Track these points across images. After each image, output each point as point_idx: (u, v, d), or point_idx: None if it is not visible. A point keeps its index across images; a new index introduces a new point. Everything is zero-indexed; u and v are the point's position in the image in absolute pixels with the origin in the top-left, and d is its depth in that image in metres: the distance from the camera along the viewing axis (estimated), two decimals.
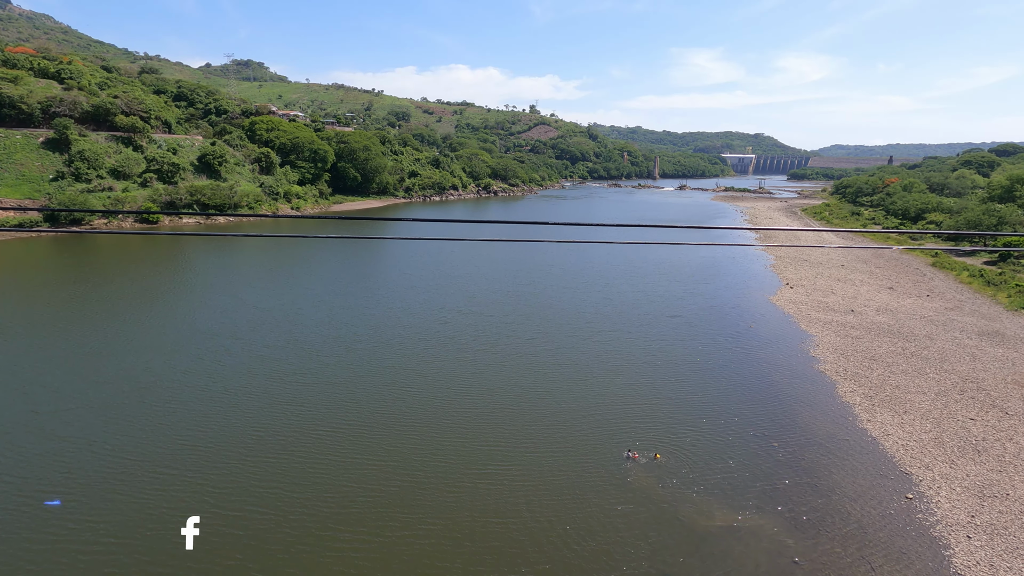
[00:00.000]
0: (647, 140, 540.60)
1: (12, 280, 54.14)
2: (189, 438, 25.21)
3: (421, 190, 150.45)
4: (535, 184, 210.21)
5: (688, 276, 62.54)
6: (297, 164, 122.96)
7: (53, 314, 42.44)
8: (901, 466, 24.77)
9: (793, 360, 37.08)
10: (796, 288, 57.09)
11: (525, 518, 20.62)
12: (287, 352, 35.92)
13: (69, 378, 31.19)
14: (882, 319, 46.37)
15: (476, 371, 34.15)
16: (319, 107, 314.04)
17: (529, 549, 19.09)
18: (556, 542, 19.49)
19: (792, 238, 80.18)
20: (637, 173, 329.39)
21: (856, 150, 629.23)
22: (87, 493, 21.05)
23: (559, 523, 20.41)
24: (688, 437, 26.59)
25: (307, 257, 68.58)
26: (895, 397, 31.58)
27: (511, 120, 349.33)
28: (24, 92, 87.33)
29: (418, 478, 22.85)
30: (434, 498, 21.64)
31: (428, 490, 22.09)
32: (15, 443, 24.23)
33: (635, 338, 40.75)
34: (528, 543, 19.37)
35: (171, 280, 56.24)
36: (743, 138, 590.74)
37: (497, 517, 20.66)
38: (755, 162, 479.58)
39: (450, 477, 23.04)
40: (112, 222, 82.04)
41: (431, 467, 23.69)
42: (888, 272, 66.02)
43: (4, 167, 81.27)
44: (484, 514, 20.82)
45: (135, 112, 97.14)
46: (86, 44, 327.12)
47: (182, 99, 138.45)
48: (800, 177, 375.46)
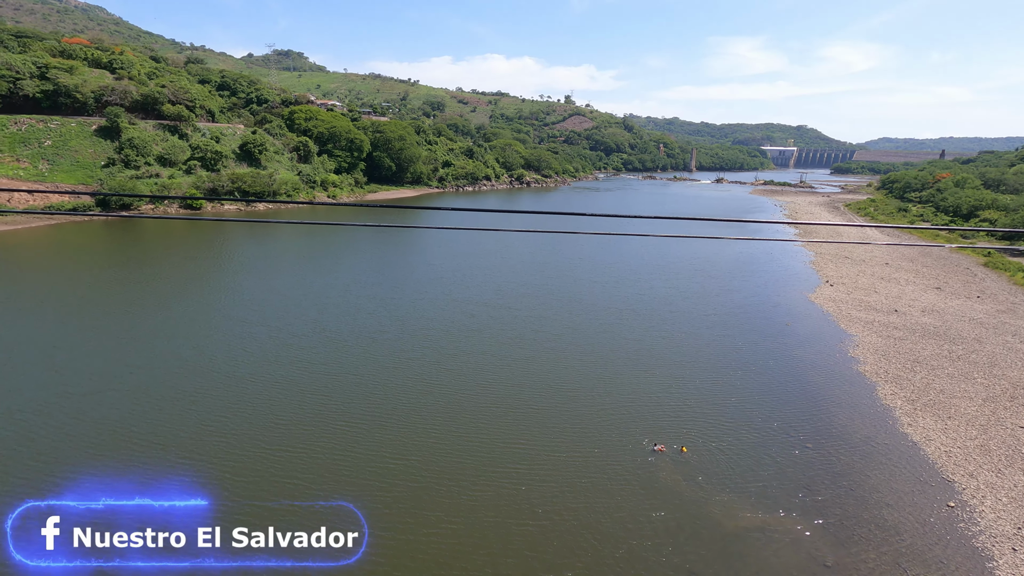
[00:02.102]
0: (684, 132, 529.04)
1: (60, 262, 56.94)
2: (213, 425, 25.35)
3: (454, 180, 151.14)
4: (568, 175, 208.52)
5: (724, 272, 61.19)
6: (334, 153, 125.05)
7: (93, 296, 44.43)
8: (943, 473, 23.86)
9: (831, 360, 36.00)
10: (836, 286, 55.29)
11: (551, 515, 20.31)
12: (312, 340, 36.17)
13: (103, 360, 32.04)
14: (928, 320, 44.54)
15: (501, 366, 33.65)
16: (356, 97, 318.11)
17: (556, 545, 19.04)
18: (582, 539, 19.36)
19: (834, 234, 77.54)
20: (673, 165, 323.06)
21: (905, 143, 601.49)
22: (112, 476, 21.16)
23: (585, 518, 20.30)
24: (719, 435, 26.16)
25: (340, 245, 69.89)
26: (939, 401, 30.37)
27: (545, 110, 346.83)
28: (79, 81, 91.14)
29: (439, 475, 22.37)
30: (456, 496, 21.07)
31: (449, 488, 21.55)
32: (48, 423, 24.82)
33: (667, 335, 40.05)
34: (555, 540, 19.32)
35: (209, 265, 58.21)
36: (784, 130, 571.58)
37: (519, 517, 20.23)
38: (796, 155, 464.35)
39: (473, 474, 22.56)
40: (158, 207, 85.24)
41: (454, 464, 23.19)
42: (936, 271, 63.27)
43: (60, 153, 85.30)
44: (509, 511, 20.47)
45: (181, 101, 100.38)
46: (136, 35, 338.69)
47: (225, 88, 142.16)
48: (844, 171, 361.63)
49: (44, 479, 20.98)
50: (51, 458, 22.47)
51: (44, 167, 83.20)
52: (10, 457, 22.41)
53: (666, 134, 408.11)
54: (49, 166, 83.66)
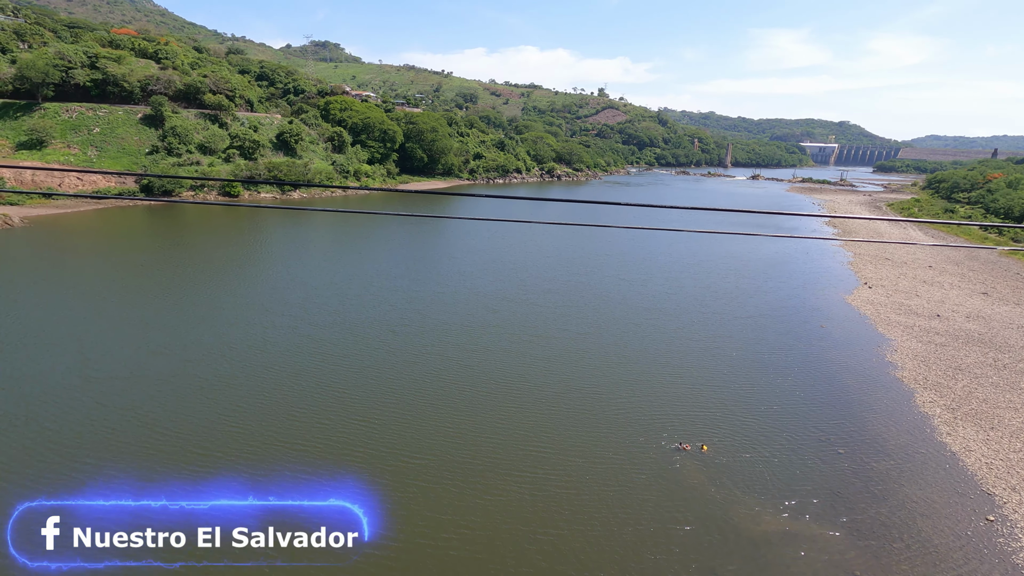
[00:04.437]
0: (720, 126, 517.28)
1: (101, 245, 59.22)
2: (229, 416, 25.16)
3: (485, 172, 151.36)
4: (599, 169, 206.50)
5: (758, 272, 59.73)
6: (367, 143, 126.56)
7: (126, 280, 45.78)
8: (983, 485, 22.94)
9: (867, 364, 34.89)
10: (876, 288, 53.48)
11: (571, 524, 19.74)
12: (333, 332, 35.89)
13: (127, 346, 32.14)
14: (972, 326, 42.72)
15: (522, 364, 32.62)
16: (390, 88, 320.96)
17: (579, 545, 18.91)
18: (604, 552, 18.94)
19: (874, 234, 74.91)
20: (708, 161, 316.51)
21: (955, 141, 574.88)
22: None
23: (607, 516, 20.09)
24: (747, 437, 25.67)
25: (369, 235, 70.82)
26: (981, 411, 29.16)
27: (578, 103, 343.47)
28: (126, 71, 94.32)
29: (451, 478, 21.53)
30: (468, 500, 20.34)
31: (462, 491, 20.79)
32: (67, 407, 25.24)
33: (698, 336, 39.15)
34: (578, 541, 19.15)
35: (241, 252, 59.76)
36: (825, 126, 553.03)
37: (535, 524, 19.71)
38: (837, 152, 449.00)
39: (488, 477, 21.71)
40: (198, 194, 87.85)
41: (467, 467, 22.33)
42: (983, 275, 60.58)
43: (108, 140, 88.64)
44: (525, 518, 19.88)
45: (221, 91, 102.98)
46: (180, 26, 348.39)
47: (264, 79, 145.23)
48: (888, 169, 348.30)
49: (43, 479, 20.42)
50: (52, 457, 21.77)
51: (93, 153, 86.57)
52: (10, 457, 21.74)
53: (701, 128, 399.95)
54: (97, 152, 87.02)
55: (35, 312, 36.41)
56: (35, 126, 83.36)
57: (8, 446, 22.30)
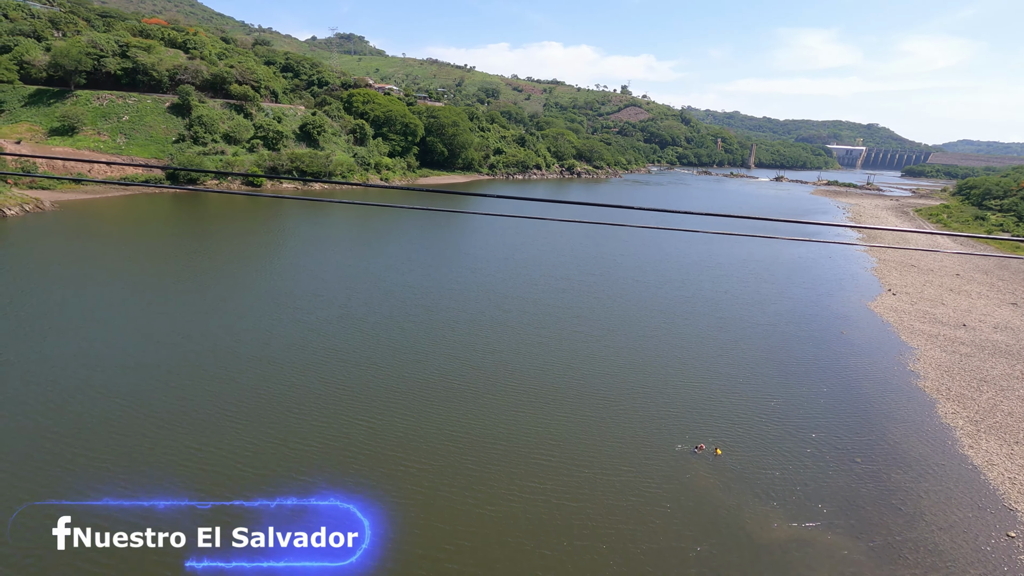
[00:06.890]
0: (745, 127, 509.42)
1: (126, 231, 60.51)
2: (230, 413, 24.77)
3: (505, 168, 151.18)
4: (620, 168, 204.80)
5: (779, 277, 58.76)
6: (389, 136, 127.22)
7: (145, 266, 46.39)
8: (1005, 500, 22.39)
9: (888, 373, 34.21)
10: (899, 295, 52.35)
11: (584, 536, 19.16)
12: (340, 326, 35.56)
13: (134, 335, 31.88)
14: (999, 337, 41.62)
15: (531, 366, 31.76)
16: (413, 81, 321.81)
17: (586, 563, 18.59)
18: (611, 554, 18.68)
19: (899, 239, 73.29)
20: (731, 161, 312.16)
21: (988, 147, 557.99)
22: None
23: (616, 532, 19.56)
24: (761, 442, 25.38)
25: (386, 229, 71.30)
26: (1006, 424, 28.43)
27: (601, 100, 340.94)
28: (155, 60, 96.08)
29: (455, 482, 21.02)
30: (472, 506, 19.83)
31: (465, 497, 20.28)
32: (72, 398, 25.07)
33: (715, 341, 38.55)
34: (584, 559, 18.84)
35: (260, 242, 60.57)
36: (853, 128, 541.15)
37: (542, 536, 19.55)
38: (865, 155, 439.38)
39: (494, 484, 21.09)
40: (222, 183, 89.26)
41: (472, 472, 21.78)
42: (1013, 286, 58.94)
43: (136, 128, 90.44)
44: (533, 529, 19.44)
45: (247, 81, 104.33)
46: (209, 16, 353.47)
47: (289, 70, 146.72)
48: (917, 174, 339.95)
49: (42, 478, 20.04)
50: (50, 456, 21.22)
51: (121, 141, 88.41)
52: (11, 455, 21.24)
53: (725, 128, 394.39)
54: (126, 140, 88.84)
55: (46, 298, 36.43)
56: (67, 112, 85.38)
57: (12, 441, 21.95)
